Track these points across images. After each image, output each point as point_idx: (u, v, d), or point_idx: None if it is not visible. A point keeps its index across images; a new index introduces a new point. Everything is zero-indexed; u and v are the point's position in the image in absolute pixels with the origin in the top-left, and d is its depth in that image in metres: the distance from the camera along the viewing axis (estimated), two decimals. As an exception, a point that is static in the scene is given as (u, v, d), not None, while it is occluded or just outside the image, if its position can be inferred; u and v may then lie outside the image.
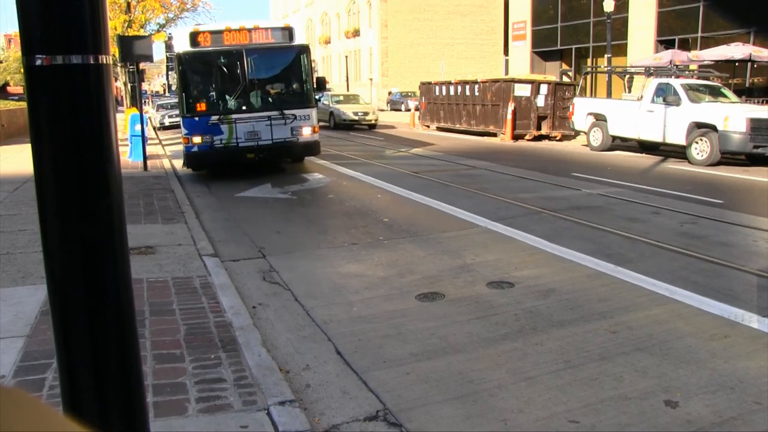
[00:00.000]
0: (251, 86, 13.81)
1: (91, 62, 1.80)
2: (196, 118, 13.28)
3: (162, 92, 60.45)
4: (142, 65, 16.04)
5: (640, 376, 4.48)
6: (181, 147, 14.87)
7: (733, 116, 14.79)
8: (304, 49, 14.15)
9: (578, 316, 5.60)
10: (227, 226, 9.44)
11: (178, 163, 16.10)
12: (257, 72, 13.84)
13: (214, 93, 14.07)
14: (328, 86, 30.01)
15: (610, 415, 3.98)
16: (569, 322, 5.44)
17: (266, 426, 3.72)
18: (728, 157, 15.32)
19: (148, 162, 15.49)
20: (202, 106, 13.47)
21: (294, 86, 14.47)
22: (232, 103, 13.81)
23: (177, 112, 27.03)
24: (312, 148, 14.38)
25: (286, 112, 13.65)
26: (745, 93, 19.70)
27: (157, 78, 67.95)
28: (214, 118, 13.27)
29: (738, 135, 14.57)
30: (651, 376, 4.49)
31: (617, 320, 5.47)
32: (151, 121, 30.16)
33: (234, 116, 13.43)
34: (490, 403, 4.17)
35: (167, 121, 31.77)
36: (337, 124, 29.47)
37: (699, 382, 4.38)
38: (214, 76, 14.04)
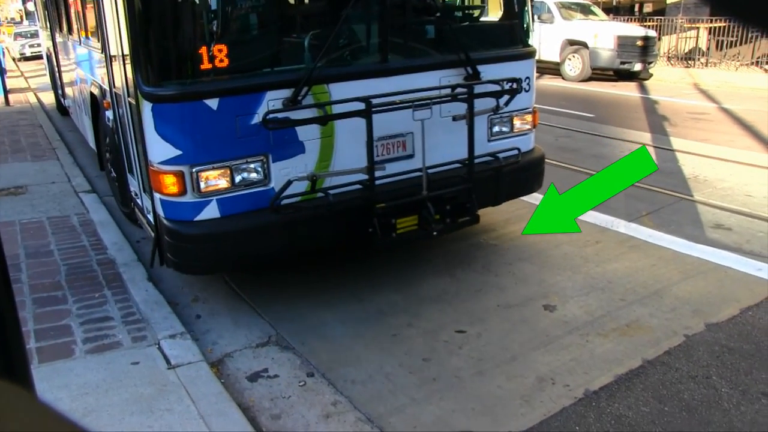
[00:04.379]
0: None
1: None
2: (208, 101, 3.70)
3: (19, 20, 55.30)
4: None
5: (522, 285, 4.75)
6: (48, 79, 12.79)
7: (602, 33, 15.43)
8: None
9: (462, 231, 5.79)
10: (103, 161, 8.97)
11: (45, 97, 14.98)
12: None
13: (257, 18, 4.40)
14: None
15: (494, 322, 4.22)
16: (453, 239, 5.63)
17: (158, 360, 3.68)
18: (598, 73, 16.05)
19: (10, 96, 14.36)
20: (220, 55, 3.70)
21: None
22: (328, 42, 3.98)
23: (39, 41, 24.05)
24: (533, 171, 5.34)
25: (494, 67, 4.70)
26: (612, 11, 20.49)
27: (12, 3, 62.07)
28: (273, 95, 3.88)
29: (607, 51, 15.24)
30: (531, 283, 4.77)
31: (499, 233, 5.73)
32: (9, 51, 27.73)
33: (346, 84, 4.13)
34: (381, 319, 4.30)
35: (28, 51, 29.33)
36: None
37: (574, 285, 4.70)
38: None
